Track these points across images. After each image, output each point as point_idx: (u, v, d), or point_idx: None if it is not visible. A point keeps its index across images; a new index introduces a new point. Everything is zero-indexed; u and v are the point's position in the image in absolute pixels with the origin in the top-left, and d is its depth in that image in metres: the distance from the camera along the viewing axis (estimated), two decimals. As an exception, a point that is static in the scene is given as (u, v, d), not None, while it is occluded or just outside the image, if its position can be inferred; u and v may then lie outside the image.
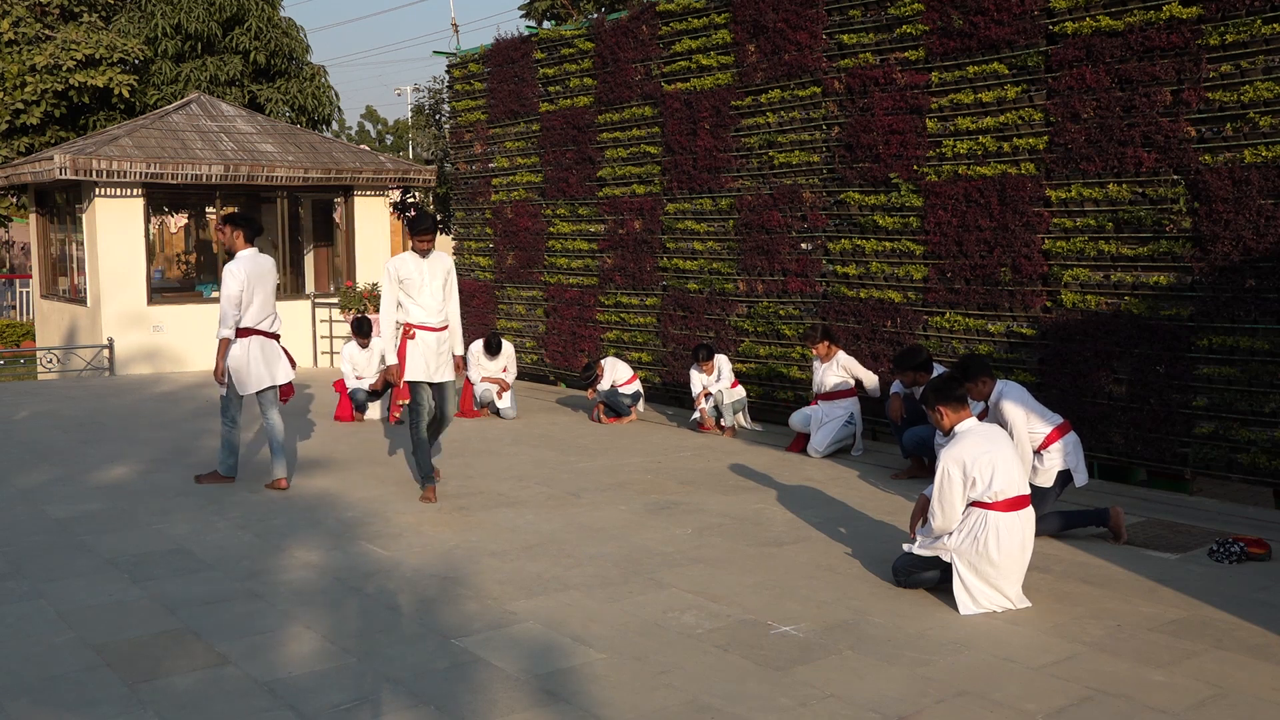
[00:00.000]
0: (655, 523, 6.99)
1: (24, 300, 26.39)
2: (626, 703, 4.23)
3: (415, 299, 7.47)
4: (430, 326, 7.48)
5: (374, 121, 51.70)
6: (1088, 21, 8.26)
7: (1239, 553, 6.12)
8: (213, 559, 6.16)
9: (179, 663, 4.62)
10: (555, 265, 13.53)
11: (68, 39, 21.36)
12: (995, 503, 5.31)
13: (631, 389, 11.02)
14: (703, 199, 11.50)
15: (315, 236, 18.28)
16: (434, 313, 7.49)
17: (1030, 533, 5.39)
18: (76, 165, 14.80)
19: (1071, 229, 8.50)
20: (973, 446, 5.37)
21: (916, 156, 9.45)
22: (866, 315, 9.97)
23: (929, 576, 5.51)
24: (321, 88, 25.07)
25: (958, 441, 5.43)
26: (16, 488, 7.99)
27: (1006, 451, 5.42)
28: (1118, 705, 4.22)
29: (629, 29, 12.18)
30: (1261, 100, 7.42)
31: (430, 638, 4.93)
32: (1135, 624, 5.12)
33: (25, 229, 27.93)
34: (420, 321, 7.47)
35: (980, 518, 5.32)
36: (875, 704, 4.22)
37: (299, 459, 9.01)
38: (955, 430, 5.51)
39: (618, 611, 5.27)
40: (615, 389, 10.95)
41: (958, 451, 5.37)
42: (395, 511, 7.25)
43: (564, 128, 13.15)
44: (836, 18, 10.07)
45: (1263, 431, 7.53)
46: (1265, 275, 7.47)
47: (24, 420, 11.11)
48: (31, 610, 5.31)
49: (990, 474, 5.30)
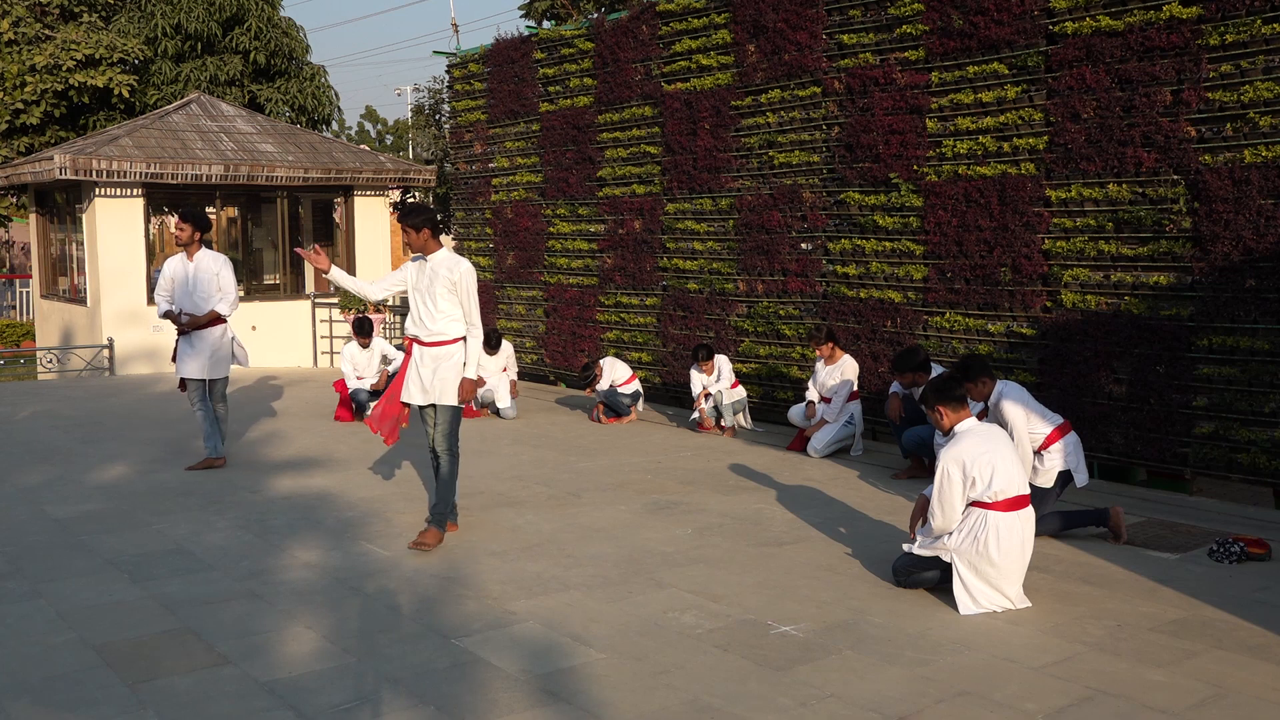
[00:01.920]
0: (655, 523, 6.99)
1: (24, 300, 26.38)
2: (626, 703, 4.23)
3: (413, 307, 6.55)
4: (420, 340, 6.50)
5: (374, 121, 51.70)
6: (1088, 21, 8.26)
7: (1239, 553, 6.12)
8: (213, 559, 6.16)
9: (179, 663, 4.62)
10: (555, 265, 13.52)
11: (68, 39, 21.35)
12: (995, 503, 5.31)
13: (630, 389, 11.02)
14: (703, 199, 11.50)
15: (315, 236, 18.27)
16: (422, 324, 6.46)
17: (1030, 533, 5.39)
18: (76, 165, 14.80)
19: (1071, 229, 8.50)
20: (973, 446, 5.37)
21: (916, 156, 9.45)
22: (866, 315, 9.97)
23: (929, 576, 5.51)
24: (321, 88, 25.08)
25: (957, 441, 5.43)
26: (16, 488, 7.98)
27: (1006, 451, 5.42)
28: (1118, 705, 4.22)
29: (629, 29, 12.18)
30: (1261, 100, 7.42)
31: (430, 637, 4.93)
32: (1135, 624, 5.12)
33: (25, 229, 27.93)
34: (411, 334, 6.55)
35: (980, 518, 5.32)
36: (875, 704, 4.22)
37: (299, 459, 9.01)
38: (955, 430, 5.51)
39: (618, 611, 5.27)
40: (614, 389, 10.95)
41: (957, 451, 5.37)
42: (395, 511, 7.25)
43: (564, 128, 13.15)
44: (836, 18, 10.07)
45: (1263, 431, 7.53)
46: (1265, 275, 7.47)
47: (24, 420, 11.11)
48: (31, 610, 5.30)
49: (990, 474, 5.30)
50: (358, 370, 11.12)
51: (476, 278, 6.59)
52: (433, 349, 6.45)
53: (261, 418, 11.19)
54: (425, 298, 6.45)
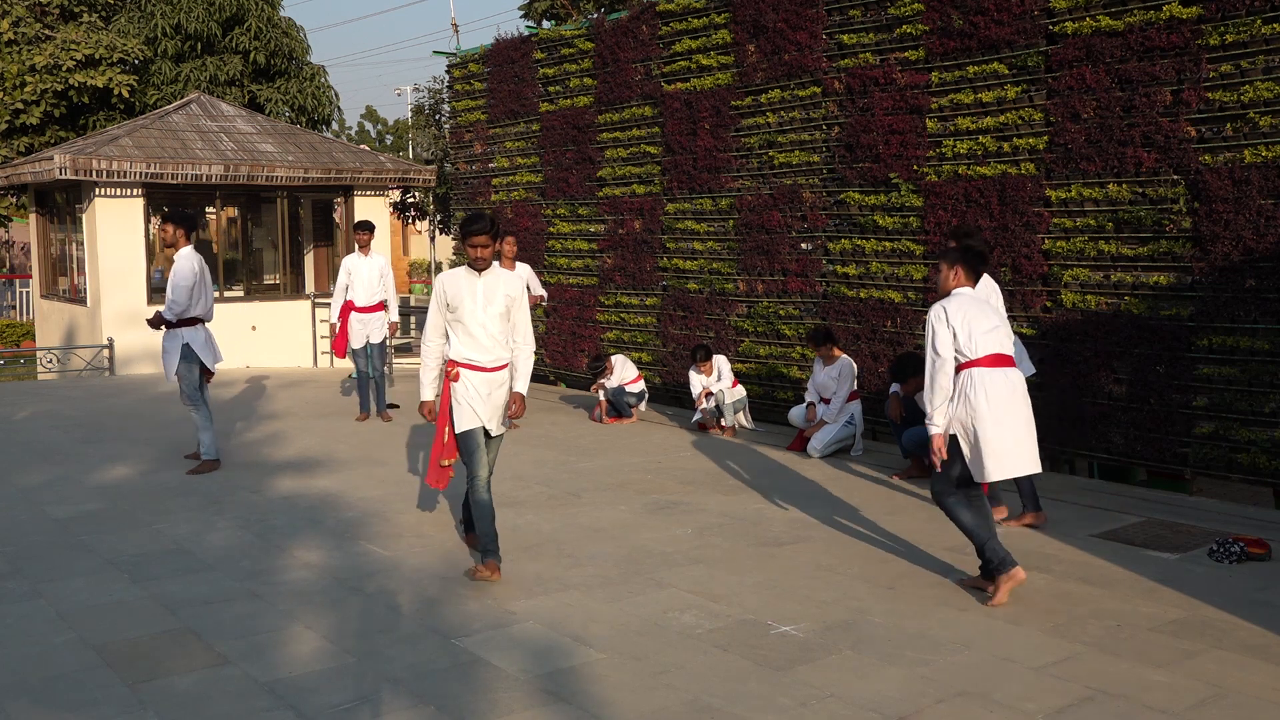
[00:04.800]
0: (655, 523, 6.99)
1: (24, 300, 26.39)
2: (626, 703, 4.23)
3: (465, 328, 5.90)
4: (480, 366, 5.87)
5: (374, 121, 51.73)
6: (1088, 21, 8.26)
7: (1239, 553, 6.12)
8: (213, 559, 6.16)
9: (179, 663, 4.62)
10: (555, 265, 13.52)
11: (67, 39, 21.36)
12: (977, 359, 5.45)
13: (636, 388, 11.05)
14: (703, 199, 11.50)
15: (315, 236, 18.28)
16: (481, 347, 5.86)
17: (1021, 390, 5.53)
18: (76, 165, 14.79)
19: (1071, 229, 8.50)
20: (958, 304, 5.54)
21: (916, 156, 9.45)
22: (866, 315, 9.97)
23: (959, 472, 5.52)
24: (321, 88, 25.09)
25: (949, 300, 5.61)
26: (16, 488, 7.98)
27: (990, 313, 5.58)
28: (1118, 705, 4.22)
29: (629, 29, 12.19)
30: (1261, 100, 7.42)
31: (430, 638, 4.93)
32: (1135, 624, 5.12)
33: (25, 229, 27.93)
34: (466, 359, 5.86)
35: (965, 377, 5.47)
36: (875, 704, 4.22)
37: (300, 459, 9.01)
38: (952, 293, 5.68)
39: (618, 611, 5.27)
40: (622, 387, 10.97)
41: (942, 305, 5.55)
42: (395, 512, 7.25)
43: (564, 128, 13.15)
44: (836, 18, 10.07)
45: (1263, 431, 7.53)
46: (1265, 275, 7.47)
47: (24, 420, 11.11)
48: (31, 610, 5.30)
49: (969, 328, 5.47)
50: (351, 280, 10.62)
51: None
52: (496, 374, 5.90)
53: (262, 418, 11.19)
54: (483, 318, 5.83)
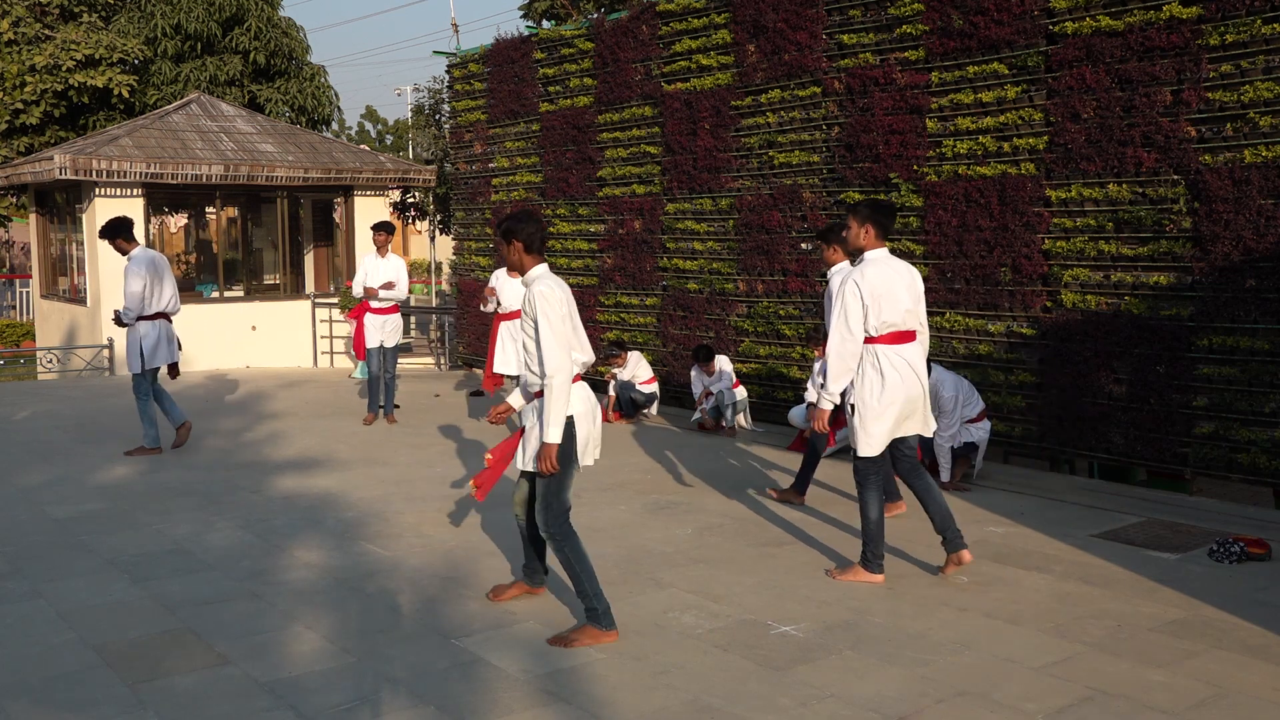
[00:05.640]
0: (655, 523, 6.99)
1: (24, 300, 26.39)
2: (627, 703, 4.23)
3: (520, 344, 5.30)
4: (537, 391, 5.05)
5: (374, 121, 51.75)
6: (1088, 21, 8.26)
7: (1239, 553, 6.12)
8: (213, 559, 6.16)
9: (179, 663, 4.62)
10: (555, 265, 13.52)
11: (67, 39, 21.36)
12: (880, 336, 5.56)
13: (649, 389, 11.04)
14: (703, 199, 11.50)
15: (315, 236, 18.28)
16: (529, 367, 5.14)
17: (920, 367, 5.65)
18: (76, 165, 14.80)
19: (1071, 229, 8.50)
20: (871, 280, 5.57)
21: (916, 156, 9.45)
22: (866, 315, 9.96)
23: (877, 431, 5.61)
24: (321, 88, 25.09)
25: (863, 267, 5.66)
26: (16, 488, 7.99)
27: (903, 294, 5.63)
28: (1118, 705, 4.22)
29: (629, 29, 12.19)
30: (1261, 100, 7.42)
31: (430, 637, 4.93)
32: (1135, 624, 5.12)
33: (25, 229, 27.93)
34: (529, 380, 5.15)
35: (870, 353, 5.59)
36: (875, 704, 4.22)
37: (300, 459, 9.01)
38: (865, 256, 5.72)
39: (617, 611, 5.26)
40: (632, 384, 10.96)
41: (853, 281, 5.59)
42: (395, 511, 7.25)
43: (564, 128, 13.15)
44: (836, 18, 10.06)
45: (1263, 431, 7.53)
46: (1265, 275, 7.47)
47: (24, 420, 11.11)
48: (31, 610, 5.31)
49: (879, 306, 5.54)
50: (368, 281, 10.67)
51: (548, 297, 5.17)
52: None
53: (262, 418, 11.19)
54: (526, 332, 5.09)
